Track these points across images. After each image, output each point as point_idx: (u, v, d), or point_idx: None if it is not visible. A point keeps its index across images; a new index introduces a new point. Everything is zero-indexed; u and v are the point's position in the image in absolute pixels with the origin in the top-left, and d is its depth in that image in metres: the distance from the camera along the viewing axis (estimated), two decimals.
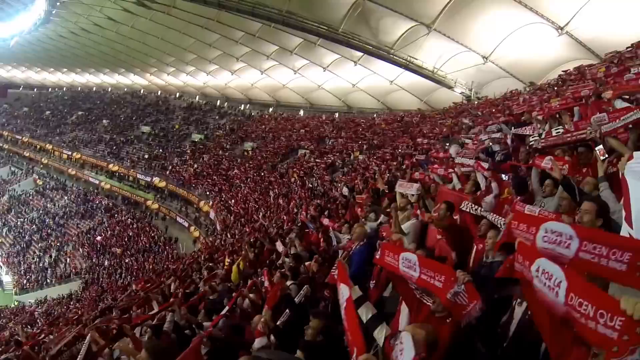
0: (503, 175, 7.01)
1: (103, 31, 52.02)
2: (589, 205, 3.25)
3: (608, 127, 4.93)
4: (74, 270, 37.78)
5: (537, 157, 5.90)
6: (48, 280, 37.35)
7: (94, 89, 72.12)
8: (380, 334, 3.21)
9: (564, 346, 2.25)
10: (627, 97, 7.31)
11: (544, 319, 2.36)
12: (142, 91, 65.88)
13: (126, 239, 38.90)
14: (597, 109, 7.36)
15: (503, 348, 3.31)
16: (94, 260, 37.78)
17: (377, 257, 3.90)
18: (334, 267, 4.28)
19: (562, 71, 25.04)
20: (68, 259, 39.62)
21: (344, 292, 3.31)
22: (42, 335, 13.42)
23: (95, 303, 23.68)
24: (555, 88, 19.57)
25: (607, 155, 4.58)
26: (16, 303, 34.55)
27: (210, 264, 15.02)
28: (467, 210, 5.58)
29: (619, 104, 6.39)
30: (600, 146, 4.85)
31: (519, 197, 5.56)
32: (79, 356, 6.77)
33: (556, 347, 2.31)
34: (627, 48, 19.70)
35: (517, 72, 32.76)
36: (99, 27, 51.38)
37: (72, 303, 28.78)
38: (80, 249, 40.33)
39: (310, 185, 27.31)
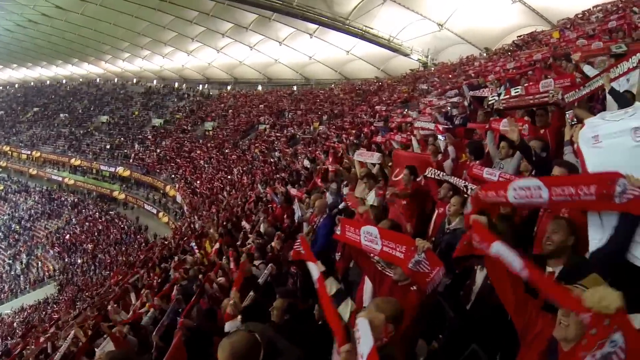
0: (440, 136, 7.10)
1: (51, 21, 49.83)
2: (559, 171, 3.24)
3: (572, 96, 4.98)
4: (47, 274, 36.71)
5: (494, 120, 5.92)
6: (22, 287, 36.13)
7: (48, 82, 69.22)
8: (345, 309, 3.09)
9: (530, 318, 2.30)
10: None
11: (508, 293, 2.38)
12: (98, 80, 63.72)
13: (96, 234, 38.13)
14: (555, 72, 7.73)
15: (466, 310, 3.39)
16: (66, 260, 36.89)
17: (338, 233, 3.80)
18: (296, 243, 3.91)
19: (517, 36, 25.85)
20: (40, 263, 38.40)
21: (313, 270, 3.07)
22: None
23: (73, 303, 23.44)
24: (510, 53, 20.23)
25: (575, 120, 4.51)
26: None
27: (183, 249, 14.96)
28: (432, 176, 5.43)
29: (587, 69, 6.42)
30: (571, 111, 4.91)
31: (476, 162, 5.46)
32: (58, 354, 6.66)
33: (521, 320, 2.33)
34: (577, 15, 20.54)
35: (472, 38, 33.52)
36: (47, 17, 49.13)
37: (49, 307, 28.25)
38: (51, 250, 39.22)
39: (273, 160, 27.43)
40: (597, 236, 2.52)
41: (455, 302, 3.48)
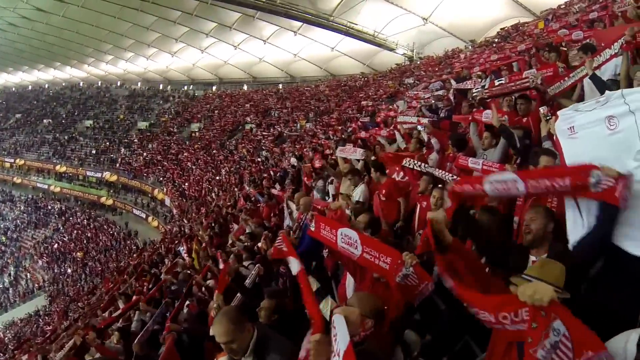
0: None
1: (32, 24, 49.10)
2: (546, 160, 3.26)
3: (557, 87, 5.01)
4: (36, 285, 36.01)
5: (477, 111, 5.95)
6: (12, 301, 35.33)
7: (30, 87, 67.81)
8: (325, 307, 3.07)
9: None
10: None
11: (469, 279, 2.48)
12: (81, 84, 62.90)
13: (85, 241, 37.52)
14: (538, 62, 7.83)
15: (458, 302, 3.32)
16: (55, 270, 36.19)
17: (312, 229, 3.73)
18: (278, 241, 3.98)
19: (501, 29, 26.02)
20: (28, 274, 37.73)
21: (294, 265, 3.19)
22: None
23: (65, 314, 22.98)
24: (494, 45, 20.32)
25: (550, 115, 4.58)
26: None
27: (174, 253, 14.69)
28: (410, 166, 5.50)
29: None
30: (544, 107, 4.96)
31: (460, 154, 5.49)
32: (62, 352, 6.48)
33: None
34: (559, 6, 20.83)
35: (458, 31, 33.75)
36: (28, 20, 48.39)
37: (41, 319, 27.80)
38: (40, 261, 38.50)
39: (260, 159, 27.29)
40: (571, 217, 2.59)
41: (446, 294, 3.30)
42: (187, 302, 6.43)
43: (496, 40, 22.69)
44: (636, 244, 2.31)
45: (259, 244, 7.42)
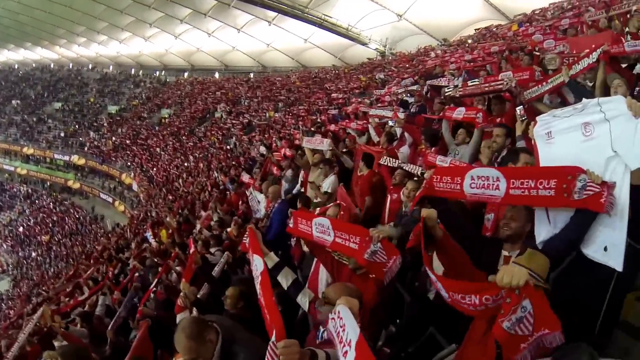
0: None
1: (3, 2, 47.71)
2: (527, 158, 3.26)
3: (534, 92, 5.07)
4: (0, 269, 35.50)
5: (449, 108, 5.98)
6: None
7: None
8: (303, 299, 3.13)
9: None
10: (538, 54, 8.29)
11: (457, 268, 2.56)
12: (52, 65, 61.29)
13: (51, 225, 37.05)
14: (511, 64, 8.18)
15: (423, 294, 3.41)
16: (20, 254, 35.78)
17: (291, 225, 3.74)
18: (245, 235, 3.79)
19: (475, 29, 26.55)
20: None
21: (258, 264, 3.00)
22: None
23: (28, 298, 22.79)
24: (467, 45, 20.82)
25: (525, 117, 4.64)
26: None
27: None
28: (386, 164, 5.53)
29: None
30: (521, 107, 5.17)
31: (432, 149, 5.69)
32: (23, 334, 6.36)
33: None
34: (534, 11, 21.45)
35: (431, 29, 34.29)
36: None
37: (4, 304, 27.46)
38: (4, 244, 37.97)
39: (229, 147, 27.47)
40: (544, 233, 2.60)
41: (412, 286, 3.49)
42: (155, 289, 6.32)
43: (469, 41, 23.21)
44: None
45: (228, 229, 7.57)
